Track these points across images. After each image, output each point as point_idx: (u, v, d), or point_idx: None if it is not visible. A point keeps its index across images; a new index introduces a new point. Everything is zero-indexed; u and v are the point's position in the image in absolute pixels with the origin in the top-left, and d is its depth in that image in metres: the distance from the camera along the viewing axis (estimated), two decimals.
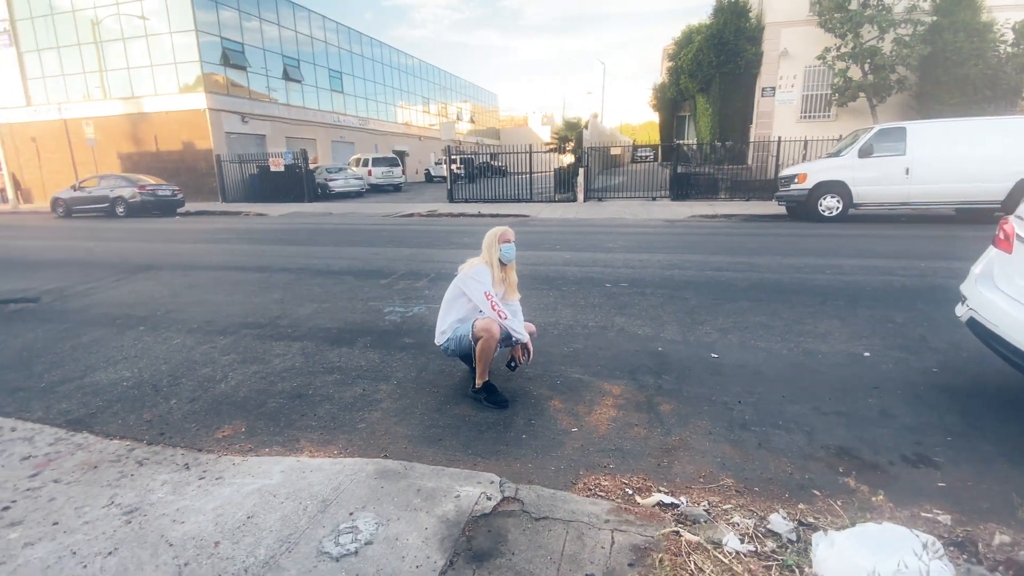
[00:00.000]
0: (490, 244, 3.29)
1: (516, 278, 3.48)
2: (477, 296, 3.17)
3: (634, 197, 19.23)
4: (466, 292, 3.23)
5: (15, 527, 2.19)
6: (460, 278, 3.28)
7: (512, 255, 3.29)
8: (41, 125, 25.63)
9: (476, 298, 3.18)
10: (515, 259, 3.43)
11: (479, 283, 3.16)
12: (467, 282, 3.22)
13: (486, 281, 3.19)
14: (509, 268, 3.40)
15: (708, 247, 8.69)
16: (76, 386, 3.77)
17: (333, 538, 1.98)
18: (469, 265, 3.31)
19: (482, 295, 3.14)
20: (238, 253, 9.53)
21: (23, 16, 25.02)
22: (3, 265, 8.77)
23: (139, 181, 18.69)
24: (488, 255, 3.28)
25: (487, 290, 3.15)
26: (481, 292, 3.14)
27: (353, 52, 34.20)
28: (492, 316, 3.11)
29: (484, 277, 3.20)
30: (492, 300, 3.13)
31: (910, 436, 2.84)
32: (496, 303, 3.13)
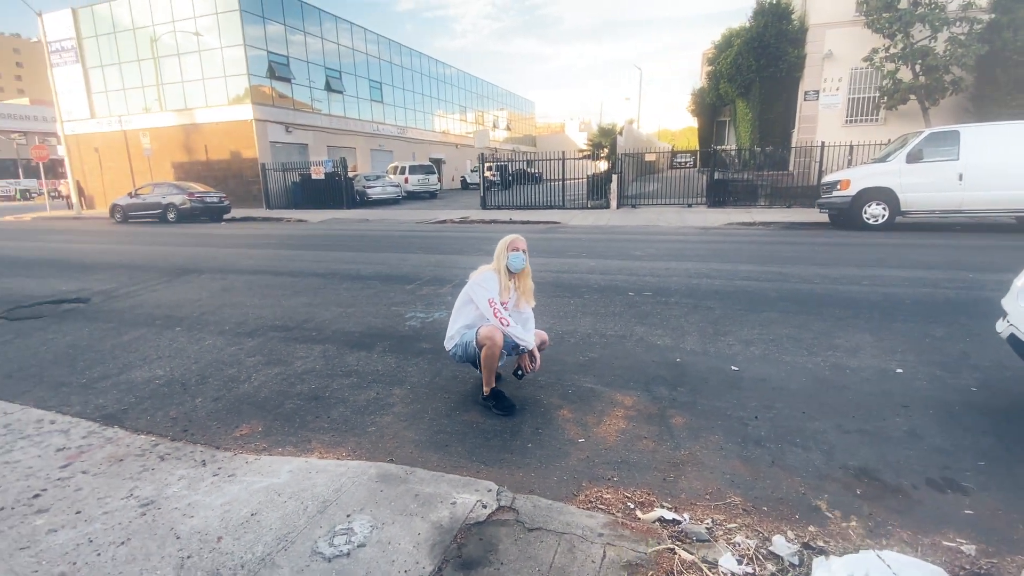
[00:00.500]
0: (500, 252, 3.31)
1: (531, 285, 3.48)
2: (481, 303, 3.20)
3: (669, 204, 18.93)
4: (473, 299, 3.25)
5: (42, 514, 2.33)
6: (469, 284, 3.31)
7: (520, 264, 3.30)
8: (103, 136, 27.32)
9: (480, 304, 3.20)
10: (529, 266, 3.43)
11: (485, 290, 3.19)
12: (474, 288, 3.25)
13: (492, 288, 3.21)
14: (523, 276, 3.41)
15: (740, 256, 8.45)
16: (113, 382, 3.99)
17: (328, 539, 2.02)
18: (479, 272, 3.34)
19: (486, 302, 3.16)
20: (274, 258, 9.88)
21: (89, 34, 26.81)
22: (62, 267, 9.38)
23: (189, 188, 19.64)
24: (497, 263, 3.30)
25: (491, 297, 3.17)
26: (485, 299, 3.17)
27: (393, 63, 35.06)
28: (494, 323, 3.12)
29: (491, 284, 3.22)
30: (495, 307, 3.14)
31: (939, 459, 2.67)
32: (499, 310, 3.14)
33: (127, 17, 25.84)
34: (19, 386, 3.95)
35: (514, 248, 3.28)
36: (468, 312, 3.35)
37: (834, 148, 15.69)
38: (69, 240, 14.41)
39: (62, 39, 27.28)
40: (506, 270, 3.28)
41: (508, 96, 55.97)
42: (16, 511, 2.34)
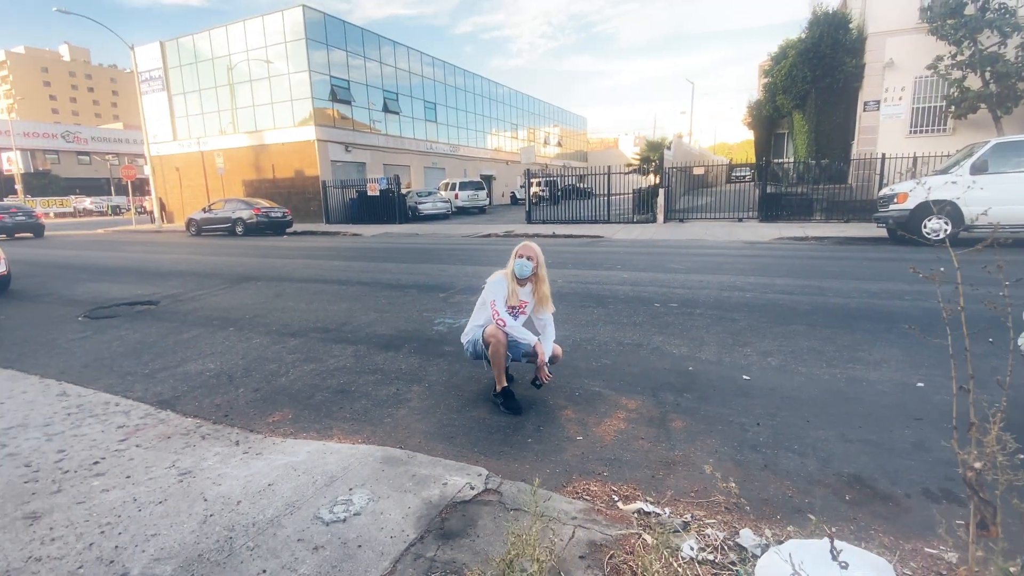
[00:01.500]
0: (511, 258, 3.52)
1: (547, 291, 3.63)
2: (486, 303, 3.42)
3: (720, 218, 18.58)
4: (483, 299, 3.49)
5: (99, 477, 2.71)
6: (484, 289, 3.54)
7: (525, 271, 3.48)
8: (183, 156, 29.83)
9: (486, 304, 3.43)
10: (544, 273, 3.56)
11: (490, 292, 3.43)
12: (485, 290, 3.48)
13: (498, 291, 3.42)
14: (538, 282, 3.57)
15: (779, 270, 8.25)
16: (170, 373, 4.46)
17: (329, 507, 2.26)
18: (494, 276, 3.56)
19: (489, 303, 3.39)
20: (326, 268, 10.52)
21: (174, 65, 29.49)
22: (139, 274, 10.38)
23: (255, 204, 21.11)
24: (508, 268, 3.52)
25: (493, 298, 3.40)
26: (489, 300, 3.39)
27: (447, 84, 36.36)
28: (494, 326, 3.33)
29: (498, 287, 3.43)
30: (494, 308, 3.36)
31: (941, 470, 2.62)
32: (498, 311, 3.35)
33: (207, 48, 28.27)
34: (93, 374, 4.49)
35: (519, 255, 3.48)
36: (483, 312, 3.57)
37: (896, 160, 14.96)
38: (148, 251, 15.83)
39: (151, 69, 30.14)
40: (513, 275, 3.48)
41: (560, 113, 56.54)
42: (78, 474, 2.74)
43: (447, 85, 36.41)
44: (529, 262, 3.48)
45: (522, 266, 3.47)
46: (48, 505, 2.43)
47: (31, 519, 2.32)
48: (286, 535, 2.10)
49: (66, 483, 2.64)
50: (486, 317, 3.52)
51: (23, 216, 22.78)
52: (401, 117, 31.88)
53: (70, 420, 3.47)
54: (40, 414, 3.57)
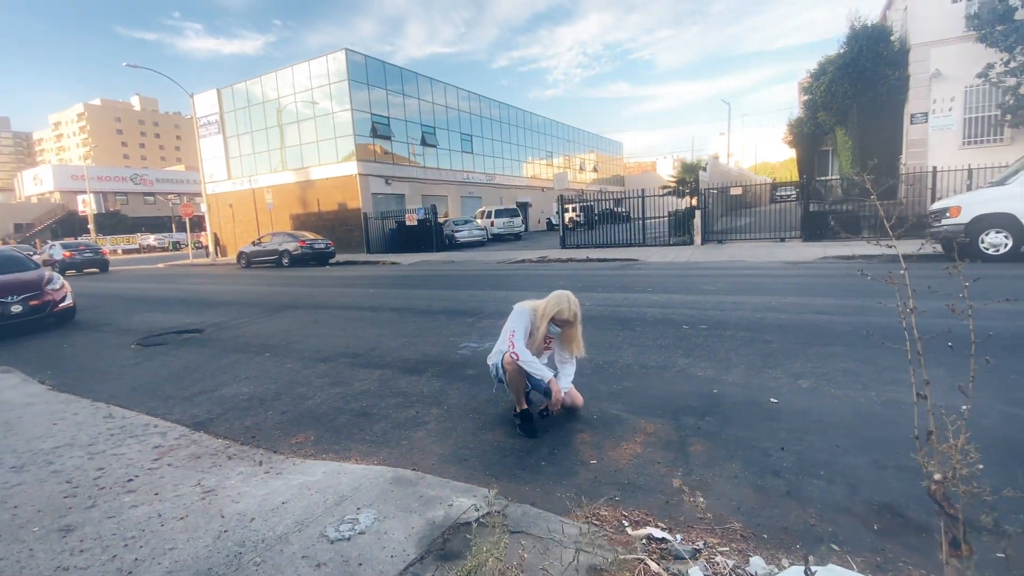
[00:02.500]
0: (545, 312, 3.44)
1: (577, 335, 3.55)
2: (505, 333, 3.45)
3: (761, 239, 18.06)
4: (506, 326, 3.51)
5: (130, 494, 2.85)
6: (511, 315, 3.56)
7: (556, 333, 3.49)
8: (237, 194, 31.62)
9: (505, 334, 3.46)
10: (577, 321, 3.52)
11: (513, 322, 3.47)
12: (510, 318, 3.52)
13: (520, 322, 3.44)
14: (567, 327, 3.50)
15: (819, 290, 7.93)
16: (207, 397, 4.68)
17: (335, 525, 2.31)
18: (521, 305, 3.58)
19: (508, 334, 3.42)
20: (361, 296, 10.82)
21: (229, 109, 31.58)
22: (190, 304, 10.97)
23: (300, 236, 22.05)
24: (542, 309, 3.47)
25: (514, 329, 3.41)
26: (509, 331, 3.43)
27: (483, 116, 37.36)
28: (509, 353, 3.35)
29: (521, 319, 3.45)
30: (512, 340, 3.38)
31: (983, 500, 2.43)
32: (515, 343, 3.35)
33: (259, 92, 30.19)
34: (139, 397, 4.76)
35: (557, 320, 3.41)
36: (507, 338, 3.58)
37: (949, 173, 14.25)
38: (201, 283, 16.73)
39: (208, 114, 32.38)
40: (544, 321, 3.44)
41: (595, 139, 56.93)
42: (112, 490, 2.89)
43: (483, 117, 37.39)
44: (557, 328, 3.46)
45: (554, 331, 3.46)
46: (82, 519, 2.58)
47: (65, 531, 2.46)
48: (292, 552, 2.14)
49: (100, 499, 2.80)
50: (507, 343, 3.54)
51: (91, 253, 25.00)
52: (438, 150, 32.87)
53: (112, 440, 3.68)
54: (87, 434, 3.81)
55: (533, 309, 3.54)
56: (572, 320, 3.45)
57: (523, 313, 3.52)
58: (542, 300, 3.56)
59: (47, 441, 3.71)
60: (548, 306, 3.46)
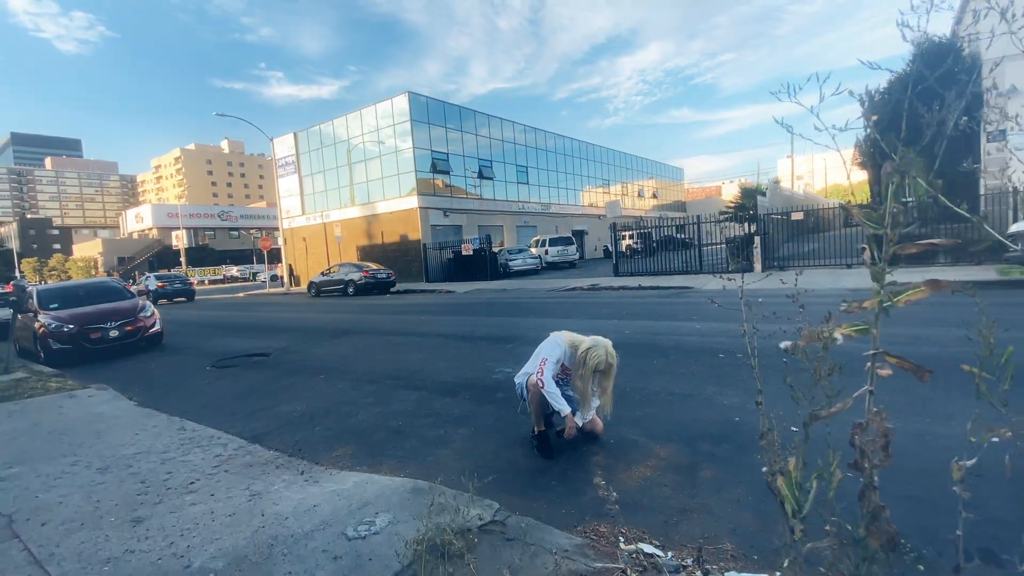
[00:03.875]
0: (587, 360, 3.54)
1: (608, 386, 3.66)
2: (536, 359, 3.65)
3: (827, 265, 17.25)
4: (538, 351, 3.71)
5: (191, 494, 3.28)
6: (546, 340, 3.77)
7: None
8: (310, 228, 33.94)
9: (537, 359, 3.64)
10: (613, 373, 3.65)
11: (546, 350, 3.64)
12: (545, 344, 3.70)
13: (553, 351, 3.61)
14: (604, 377, 3.63)
15: None
16: (266, 413, 5.17)
17: (355, 526, 2.59)
18: (558, 334, 3.75)
19: (539, 361, 3.60)
20: (414, 322, 11.37)
21: (304, 151, 34.24)
22: (262, 330, 11.94)
23: (365, 267, 23.32)
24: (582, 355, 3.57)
25: (546, 357, 3.59)
26: (542, 356, 3.61)
27: (538, 147, 38.28)
28: (535, 379, 3.54)
29: (555, 348, 3.63)
30: (542, 367, 3.54)
31: (990, 529, 2.37)
32: (543, 370, 3.53)
33: (331, 134, 32.60)
34: (208, 413, 5.33)
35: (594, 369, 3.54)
36: (536, 362, 3.77)
37: None
38: (273, 311, 18.05)
39: (286, 156, 35.23)
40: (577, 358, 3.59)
41: (654, 165, 56.59)
42: (176, 491, 3.33)
43: (538, 148, 38.30)
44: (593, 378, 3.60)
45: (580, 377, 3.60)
46: (149, 513, 3.01)
47: (135, 522, 2.89)
48: (314, 546, 2.44)
49: (166, 497, 3.24)
50: (536, 367, 3.72)
51: (180, 284, 27.90)
52: (495, 181, 33.92)
53: (182, 449, 4.19)
54: (161, 443, 4.35)
55: (571, 344, 3.67)
56: (606, 371, 3.58)
57: (558, 345, 3.67)
58: (581, 337, 3.69)
59: (129, 448, 4.27)
60: (589, 355, 3.54)
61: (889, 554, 1.00)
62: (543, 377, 3.55)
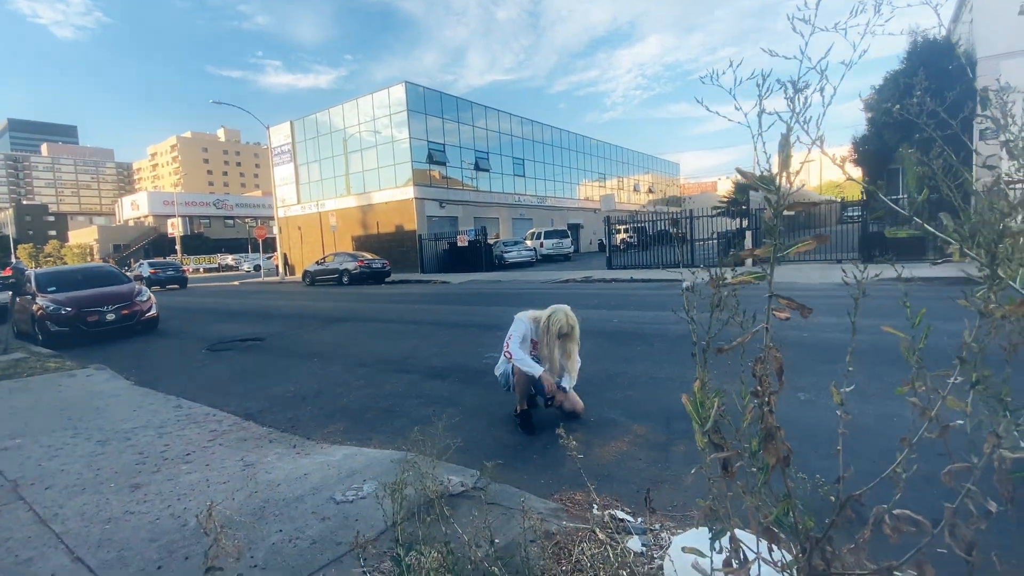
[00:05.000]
0: (549, 326, 3.80)
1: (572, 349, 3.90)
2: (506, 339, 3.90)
3: (819, 260, 17.47)
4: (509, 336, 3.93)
5: (187, 464, 3.42)
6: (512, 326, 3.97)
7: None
8: (305, 217, 33.92)
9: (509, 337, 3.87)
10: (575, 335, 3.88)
11: (512, 329, 3.91)
12: (511, 327, 3.95)
13: (518, 329, 3.88)
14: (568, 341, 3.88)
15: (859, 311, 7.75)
16: (260, 393, 5.31)
17: (343, 492, 2.74)
18: (522, 315, 4.00)
19: (506, 339, 3.87)
20: (408, 311, 11.50)
21: (300, 139, 34.14)
22: (257, 316, 12.05)
23: (359, 256, 23.39)
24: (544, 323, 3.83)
25: (511, 334, 3.87)
26: (508, 335, 3.87)
27: (535, 140, 38.28)
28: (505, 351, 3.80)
29: (518, 328, 3.89)
30: (508, 342, 3.84)
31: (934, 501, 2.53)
32: (509, 343, 3.82)
33: (327, 123, 32.51)
34: (203, 393, 5.46)
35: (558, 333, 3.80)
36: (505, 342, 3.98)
37: None
38: (269, 299, 18.14)
39: (282, 144, 35.11)
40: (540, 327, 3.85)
41: (651, 160, 56.66)
42: (173, 461, 3.47)
43: (535, 141, 38.30)
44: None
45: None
46: (148, 480, 3.15)
47: (134, 488, 3.03)
48: (304, 508, 2.59)
49: (164, 467, 3.38)
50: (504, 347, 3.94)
51: (172, 271, 28.15)
52: (491, 173, 33.94)
53: (178, 424, 4.32)
54: (159, 419, 4.48)
55: (533, 319, 3.94)
56: (569, 334, 3.81)
57: (521, 323, 3.94)
58: (542, 311, 3.93)
59: (127, 423, 4.40)
60: (551, 321, 3.81)
61: (784, 469, 1.15)
62: (509, 349, 3.79)
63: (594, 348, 6.19)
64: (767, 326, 1.22)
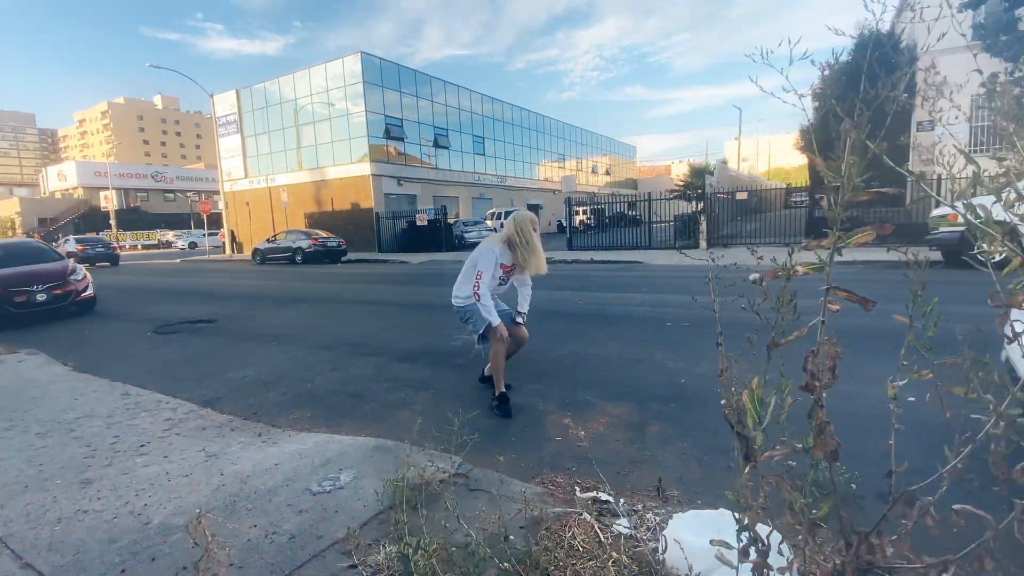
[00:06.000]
0: (520, 232, 3.73)
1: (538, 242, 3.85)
2: (474, 271, 3.76)
3: (768, 244, 18.15)
4: (474, 263, 3.81)
5: (142, 456, 3.20)
6: (477, 249, 3.85)
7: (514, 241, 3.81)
8: (253, 192, 32.36)
9: (473, 272, 3.77)
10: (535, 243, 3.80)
11: (482, 260, 3.75)
12: (479, 255, 3.78)
13: (487, 264, 3.72)
14: (532, 250, 3.79)
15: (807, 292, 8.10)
16: (216, 379, 5.04)
17: (319, 482, 2.62)
18: (487, 242, 3.85)
19: (475, 274, 3.74)
20: (369, 291, 11.21)
21: (247, 109, 32.35)
22: (206, 297, 11.45)
23: (314, 234, 22.57)
24: (512, 235, 3.75)
25: (482, 269, 3.72)
26: (479, 269, 3.72)
27: (495, 118, 37.78)
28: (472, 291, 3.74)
29: (488, 259, 3.73)
30: (479, 279, 3.71)
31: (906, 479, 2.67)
32: (480, 283, 3.70)
33: (277, 93, 30.90)
34: (153, 378, 5.14)
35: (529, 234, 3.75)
36: (471, 277, 3.80)
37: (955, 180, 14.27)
38: (217, 277, 17.27)
39: (227, 114, 33.19)
40: (512, 241, 3.75)
41: (608, 142, 57.08)
42: (126, 453, 3.25)
43: (495, 119, 37.81)
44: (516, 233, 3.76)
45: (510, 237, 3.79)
46: (99, 475, 2.93)
47: (84, 484, 2.81)
48: (279, 501, 2.47)
49: (116, 460, 3.15)
50: (472, 281, 3.76)
51: (102, 248, 26.59)
52: (451, 151, 33.34)
53: (128, 413, 4.04)
54: (105, 408, 4.18)
55: (500, 242, 3.80)
56: (533, 225, 3.79)
57: (491, 251, 3.74)
58: (502, 232, 3.85)
59: (69, 413, 4.08)
60: (519, 226, 3.75)
61: (832, 464, 1.15)
62: (480, 291, 3.70)
63: (563, 330, 6.21)
64: (823, 319, 1.20)
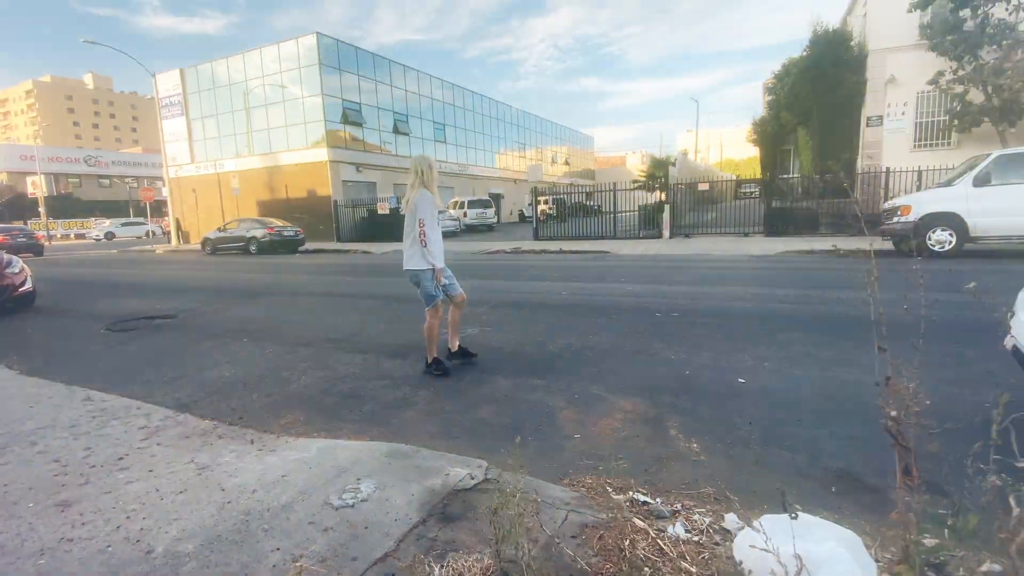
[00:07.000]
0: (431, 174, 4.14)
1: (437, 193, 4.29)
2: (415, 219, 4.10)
3: (726, 233, 18.66)
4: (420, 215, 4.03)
5: (124, 471, 2.88)
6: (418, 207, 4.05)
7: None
8: (200, 178, 30.60)
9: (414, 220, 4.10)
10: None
11: (426, 210, 4.07)
12: (422, 208, 4.05)
13: (426, 212, 4.06)
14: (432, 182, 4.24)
15: (782, 281, 8.34)
16: (188, 380, 4.66)
17: (338, 494, 2.41)
18: (422, 194, 4.08)
19: (420, 220, 4.06)
20: (337, 283, 10.77)
21: (193, 90, 30.48)
22: (158, 289, 10.70)
23: (269, 223, 21.58)
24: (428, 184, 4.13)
25: (424, 216, 4.07)
26: (423, 216, 4.06)
27: (456, 105, 37.13)
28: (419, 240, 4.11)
29: (427, 207, 4.07)
30: (423, 226, 4.05)
31: (928, 464, 2.71)
32: (425, 229, 4.04)
33: (225, 74, 29.22)
34: (116, 381, 4.70)
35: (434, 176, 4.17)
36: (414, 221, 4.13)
37: (902, 174, 15.04)
38: (166, 269, 16.24)
39: (171, 95, 31.16)
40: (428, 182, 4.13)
41: (567, 132, 57.26)
42: (104, 468, 2.91)
43: (456, 106, 37.17)
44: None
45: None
46: (78, 495, 2.60)
47: (62, 506, 2.49)
48: (298, 518, 2.24)
49: (93, 476, 2.82)
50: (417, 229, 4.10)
51: (24, 238, 25.02)
52: (411, 138, 32.55)
53: (95, 422, 3.66)
54: (67, 416, 3.76)
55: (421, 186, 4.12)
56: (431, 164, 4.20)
57: (429, 199, 4.08)
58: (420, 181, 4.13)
59: (26, 424, 3.65)
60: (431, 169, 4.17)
61: None
62: (427, 237, 4.07)
63: (554, 321, 6.11)
64: None
